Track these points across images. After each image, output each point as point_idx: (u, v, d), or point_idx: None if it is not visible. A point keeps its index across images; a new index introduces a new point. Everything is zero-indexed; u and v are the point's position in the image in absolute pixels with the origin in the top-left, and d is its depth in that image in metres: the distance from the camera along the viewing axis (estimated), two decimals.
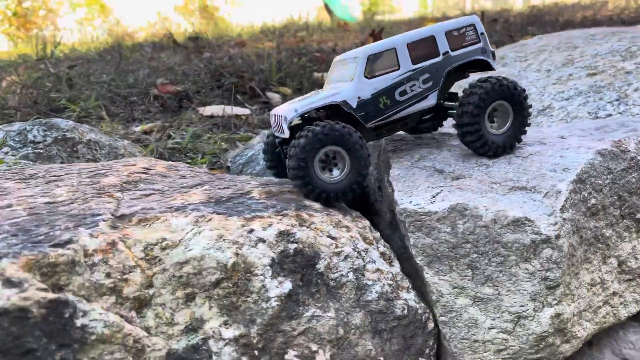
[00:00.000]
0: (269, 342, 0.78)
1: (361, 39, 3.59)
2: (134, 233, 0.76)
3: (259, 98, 2.55)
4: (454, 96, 1.12)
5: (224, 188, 0.97)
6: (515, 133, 1.05)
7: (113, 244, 0.73)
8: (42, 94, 2.44)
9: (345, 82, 1.02)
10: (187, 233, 0.78)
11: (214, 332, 0.75)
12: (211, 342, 0.74)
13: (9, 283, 0.64)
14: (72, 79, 2.70)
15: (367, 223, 0.98)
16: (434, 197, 0.95)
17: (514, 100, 1.02)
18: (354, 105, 0.99)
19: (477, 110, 0.99)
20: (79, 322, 0.67)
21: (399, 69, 1.01)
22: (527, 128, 1.07)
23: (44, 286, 0.66)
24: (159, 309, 0.74)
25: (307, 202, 0.95)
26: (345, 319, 0.85)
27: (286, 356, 0.79)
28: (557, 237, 0.89)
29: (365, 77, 1.00)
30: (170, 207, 0.84)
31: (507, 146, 1.04)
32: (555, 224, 0.89)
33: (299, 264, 0.82)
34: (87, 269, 0.70)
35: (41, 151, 1.47)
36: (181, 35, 4.97)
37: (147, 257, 0.75)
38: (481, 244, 0.90)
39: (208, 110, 2.29)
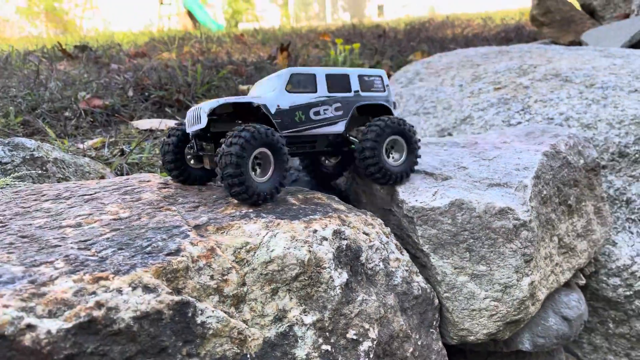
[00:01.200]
0: (336, 324, 0.92)
1: (271, 52, 3.74)
2: (220, 240, 0.86)
3: (186, 110, 2.59)
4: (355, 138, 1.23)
5: None
6: (410, 163, 1.21)
7: (212, 249, 0.82)
8: None
9: (267, 93, 1.13)
10: (263, 237, 0.89)
11: (296, 319, 0.87)
12: (296, 328, 0.87)
13: (147, 289, 0.71)
14: None
15: (380, 221, 1.15)
16: (433, 195, 1.15)
17: (405, 135, 1.18)
18: (273, 111, 1.08)
19: (375, 144, 1.13)
20: (199, 320, 0.76)
21: (316, 92, 1.14)
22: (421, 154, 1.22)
23: (170, 290, 0.74)
24: (252, 304, 0.84)
25: (336, 205, 1.10)
26: (383, 301, 1.01)
27: (347, 335, 0.93)
28: (530, 221, 1.14)
29: (286, 90, 1.11)
30: (233, 216, 0.94)
31: (404, 175, 1.20)
32: (528, 211, 1.14)
33: (349, 257, 0.97)
34: (196, 273, 0.79)
35: (9, 172, 1.42)
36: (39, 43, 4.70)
37: (236, 260, 0.85)
38: (476, 231, 1.12)
39: (144, 124, 2.29)
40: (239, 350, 0.80)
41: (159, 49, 4.28)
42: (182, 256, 0.78)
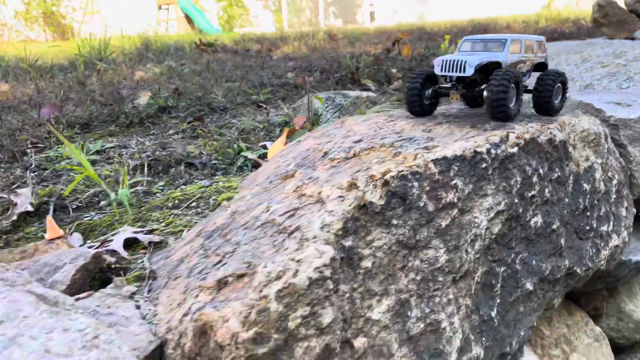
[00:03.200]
0: (606, 166, 1.80)
1: (386, 46, 4.65)
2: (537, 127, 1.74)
3: (357, 86, 3.47)
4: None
5: None
6: (563, 102, 1.82)
7: (540, 130, 1.70)
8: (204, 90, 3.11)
9: (491, 52, 1.63)
10: (575, 120, 1.76)
11: (593, 161, 1.75)
12: (595, 165, 1.75)
13: (506, 141, 1.60)
14: (199, 74, 3.38)
15: None
16: (627, 112, 2.04)
17: (564, 83, 1.81)
18: (503, 66, 1.53)
19: (550, 89, 1.70)
20: (569, 149, 1.64)
21: (520, 53, 1.71)
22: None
23: (520, 141, 1.62)
24: (577, 149, 1.72)
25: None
26: (612, 162, 1.90)
27: (608, 174, 1.82)
28: None
29: (509, 52, 1.65)
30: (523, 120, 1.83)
31: (560, 108, 1.68)
32: None
33: (604, 136, 1.86)
34: (557, 130, 1.67)
35: (344, 110, 2.30)
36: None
37: (560, 130, 1.73)
38: None
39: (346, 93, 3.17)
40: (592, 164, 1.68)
41: (278, 45, 5.18)
42: (513, 133, 1.66)
